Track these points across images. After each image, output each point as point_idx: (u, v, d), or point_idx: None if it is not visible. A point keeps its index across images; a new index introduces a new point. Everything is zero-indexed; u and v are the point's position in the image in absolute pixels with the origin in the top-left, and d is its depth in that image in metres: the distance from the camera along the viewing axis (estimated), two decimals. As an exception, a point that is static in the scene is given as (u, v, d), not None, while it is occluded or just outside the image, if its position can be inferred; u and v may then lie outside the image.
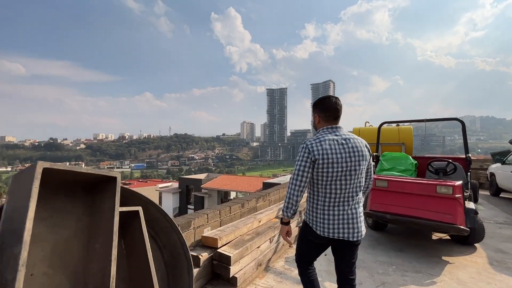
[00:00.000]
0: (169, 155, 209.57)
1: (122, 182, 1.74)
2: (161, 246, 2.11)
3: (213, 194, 28.46)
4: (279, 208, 3.88)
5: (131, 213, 1.82)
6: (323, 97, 1.74)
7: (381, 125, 5.04)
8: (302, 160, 1.57)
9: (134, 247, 1.85)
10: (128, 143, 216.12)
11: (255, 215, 3.43)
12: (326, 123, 1.69)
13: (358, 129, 9.60)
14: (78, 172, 1.39)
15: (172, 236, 2.08)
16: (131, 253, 1.85)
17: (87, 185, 1.64)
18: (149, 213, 2.07)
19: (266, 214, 3.49)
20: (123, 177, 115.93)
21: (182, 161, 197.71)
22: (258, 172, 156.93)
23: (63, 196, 1.52)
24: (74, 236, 1.49)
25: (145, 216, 2.08)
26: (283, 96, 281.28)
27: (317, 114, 1.72)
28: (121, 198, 1.95)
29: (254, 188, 26.65)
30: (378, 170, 4.49)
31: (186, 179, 33.69)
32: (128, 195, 1.93)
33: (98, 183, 1.61)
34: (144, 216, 2.09)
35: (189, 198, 32.12)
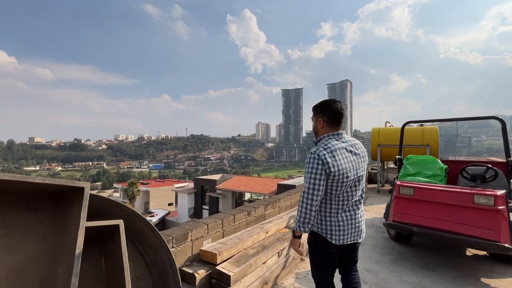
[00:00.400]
0: (185, 155, 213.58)
1: (141, 181, 1.50)
2: (149, 263, 1.85)
3: (228, 195, 28.39)
4: (290, 216, 3.53)
5: (112, 227, 1.58)
6: (328, 101, 1.72)
7: (405, 124, 4.55)
8: (316, 173, 1.50)
9: (115, 266, 1.60)
10: (146, 143, 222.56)
11: (262, 224, 3.11)
12: (330, 128, 1.66)
13: (378, 129, 9.01)
14: (37, 183, 1.15)
15: (161, 253, 1.81)
16: (111, 272, 1.61)
17: (57, 195, 1.40)
18: (135, 226, 1.81)
19: (275, 223, 3.16)
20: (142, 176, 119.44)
21: (198, 162, 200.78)
22: (273, 173, 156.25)
23: (25, 210, 1.29)
24: (36, 258, 1.25)
25: (132, 229, 1.83)
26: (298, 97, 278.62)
27: (321, 119, 1.68)
28: (102, 210, 1.71)
29: (269, 189, 26.30)
30: (401, 175, 4.03)
31: (201, 179, 33.89)
32: (110, 206, 1.69)
33: (67, 194, 1.38)
34: (131, 230, 1.84)
35: (204, 199, 32.30)
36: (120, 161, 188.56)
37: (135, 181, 43.87)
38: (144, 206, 43.45)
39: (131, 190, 40.79)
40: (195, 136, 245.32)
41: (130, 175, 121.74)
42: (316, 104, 1.76)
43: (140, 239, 1.83)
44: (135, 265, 1.80)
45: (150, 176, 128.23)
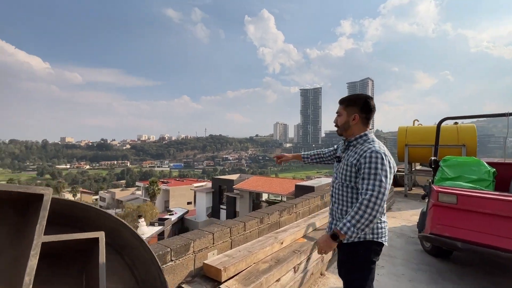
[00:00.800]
0: (204, 155, 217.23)
1: (160, 180, 1.25)
2: (139, 280, 1.58)
3: (245, 195, 28.23)
4: (308, 224, 3.15)
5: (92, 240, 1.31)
6: (365, 95, 1.62)
7: (441, 121, 3.99)
8: (389, 178, 1.44)
9: (97, 283, 1.34)
10: (167, 143, 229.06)
11: (277, 233, 2.76)
12: (364, 126, 1.60)
13: (405, 128, 8.30)
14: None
15: (151, 270, 1.54)
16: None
17: (22, 203, 1.16)
18: (122, 237, 1.54)
19: (291, 232, 2.80)
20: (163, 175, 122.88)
21: (216, 162, 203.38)
22: (291, 173, 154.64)
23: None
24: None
25: (119, 241, 1.56)
26: (317, 96, 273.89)
27: (357, 114, 1.58)
28: (86, 220, 1.46)
29: (286, 190, 25.81)
30: (438, 179, 3.50)
31: (219, 179, 34.05)
32: (94, 216, 1.43)
33: (31, 202, 1.12)
34: (118, 241, 1.56)
35: (221, 198, 32.42)
36: (143, 160, 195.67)
37: (155, 180, 45.15)
38: (164, 205, 44.52)
39: (152, 189, 42.00)
40: (214, 136, 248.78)
41: (152, 174, 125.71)
42: (351, 97, 1.63)
43: (129, 252, 1.57)
44: (122, 280, 1.54)
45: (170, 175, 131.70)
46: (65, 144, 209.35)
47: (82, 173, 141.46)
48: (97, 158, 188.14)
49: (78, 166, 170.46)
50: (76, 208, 1.40)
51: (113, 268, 1.59)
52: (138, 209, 29.17)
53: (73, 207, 1.41)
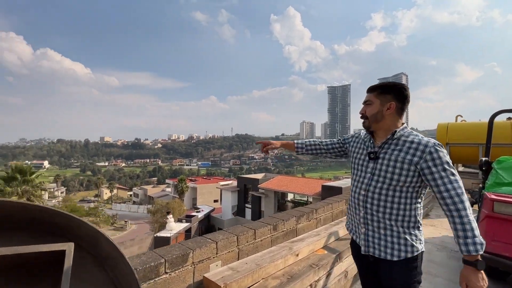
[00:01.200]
0: (231, 154, 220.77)
1: (188, 178, 1.09)
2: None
3: (270, 194, 27.96)
4: (330, 232, 2.77)
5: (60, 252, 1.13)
6: (402, 85, 1.37)
7: (494, 115, 3.34)
8: None
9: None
10: (195, 142, 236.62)
11: (292, 243, 2.44)
12: (399, 117, 1.38)
13: (446, 125, 7.40)
14: None
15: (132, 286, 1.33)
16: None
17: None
18: (103, 248, 1.36)
19: (310, 242, 2.46)
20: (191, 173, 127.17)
21: (242, 160, 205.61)
22: (318, 173, 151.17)
23: None
24: None
25: (100, 252, 1.37)
26: (345, 94, 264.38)
27: (395, 103, 1.35)
28: (63, 227, 1.28)
29: (313, 190, 25.08)
30: (491, 185, 2.90)
31: (244, 178, 34.12)
32: (71, 223, 1.23)
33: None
34: (99, 253, 1.34)
35: (246, 197, 32.50)
36: (173, 158, 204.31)
37: (184, 178, 46.74)
38: (191, 202, 45.87)
39: (180, 186, 43.55)
40: (240, 135, 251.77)
41: (181, 172, 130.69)
42: (385, 84, 1.39)
43: (111, 265, 1.38)
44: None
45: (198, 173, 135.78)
46: (104, 143, 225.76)
47: (119, 170, 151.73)
48: (131, 157, 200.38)
49: (115, 164, 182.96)
50: (58, 216, 1.23)
51: (97, 283, 1.39)
52: (167, 205, 30.27)
53: (54, 215, 1.24)
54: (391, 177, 1.29)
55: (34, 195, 17.96)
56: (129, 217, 39.79)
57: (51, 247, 1.11)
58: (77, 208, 37.22)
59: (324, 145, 1.74)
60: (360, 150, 1.50)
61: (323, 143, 1.76)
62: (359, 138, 1.56)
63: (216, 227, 30.13)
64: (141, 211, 44.70)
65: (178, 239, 21.93)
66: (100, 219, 34.85)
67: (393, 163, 1.29)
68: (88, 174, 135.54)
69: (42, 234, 1.23)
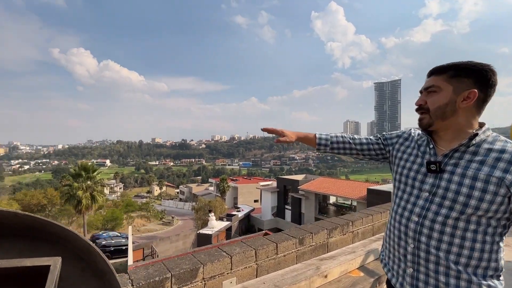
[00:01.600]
0: (271, 154, 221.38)
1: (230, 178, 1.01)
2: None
3: (311, 196, 27.10)
4: (368, 250, 2.37)
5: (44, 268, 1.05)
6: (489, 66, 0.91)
7: None
8: None
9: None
10: (237, 143, 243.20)
11: (321, 260, 2.12)
12: (478, 113, 0.94)
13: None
14: None
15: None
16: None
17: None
18: (98, 263, 1.26)
19: (343, 260, 2.11)
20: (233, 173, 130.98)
21: (283, 161, 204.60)
22: (364, 175, 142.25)
23: None
24: None
25: (95, 266, 1.30)
26: (395, 90, 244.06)
27: (477, 90, 0.90)
28: (56, 238, 1.23)
29: (357, 194, 23.57)
30: None
31: (284, 179, 33.70)
32: (69, 235, 1.16)
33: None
34: (95, 267, 1.30)
35: (286, 198, 32.09)
36: (216, 158, 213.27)
37: (225, 177, 48.32)
38: (233, 201, 47.07)
39: (222, 185, 45.10)
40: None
41: (223, 171, 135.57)
42: (466, 64, 0.92)
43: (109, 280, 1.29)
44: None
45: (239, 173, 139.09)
46: (155, 144, 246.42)
47: (167, 169, 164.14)
48: (178, 156, 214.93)
49: (164, 163, 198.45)
50: (50, 226, 1.17)
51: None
52: (209, 203, 31.45)
53: (45, 225, 1.18)
54: (465, 202, 0.87)
55: (95, 190, 20.25)
56: (176, 213, 42.47)
57: (35, 261, 1.03)
58: (131, 203, 41.12)
59: (357, 143, 1.28)
60: (411, 157, 1.07)
61: (356, 141, 1.29)
62: (411, 140, 1.13)
63: (256, 227, 30.28)
64: (187, 208, 47.40)
65: (220, 237, 22.56)
66: (151, 214, 37.85)
67: (469, 181, 0.87)
68: (142, 172, 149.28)
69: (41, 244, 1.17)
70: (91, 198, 19.73)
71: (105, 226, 29.06)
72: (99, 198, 20.56)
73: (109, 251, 21.21)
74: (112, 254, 21.10)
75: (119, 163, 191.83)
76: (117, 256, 20.77)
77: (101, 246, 21.46)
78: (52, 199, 26.15)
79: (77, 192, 19.07)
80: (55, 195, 25.27)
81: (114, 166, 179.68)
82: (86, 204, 19.41)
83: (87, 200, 19.43)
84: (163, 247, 18.87)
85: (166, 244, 19.54)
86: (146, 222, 35.43)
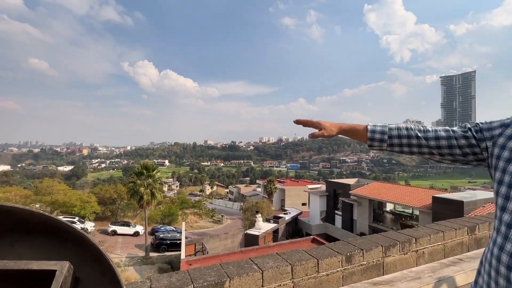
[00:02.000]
0: (320, 157, 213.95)
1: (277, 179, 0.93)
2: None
3: (364, 202, 25.14)
4: (439, 278, 1.86)
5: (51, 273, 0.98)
6: None
7: None
8: None
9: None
10: (285, 145, 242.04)
11: (374, 285, 1.73)
12: None
13: None
14: None
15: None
16: None
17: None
18: (111, 270, 1.16)
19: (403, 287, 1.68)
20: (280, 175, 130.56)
21: (333, 164, 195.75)
22: (428, 181, 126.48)
23: None
24: None
25: (112, 274, 1.21)
26: (468, 83, 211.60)
27: None
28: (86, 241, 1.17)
29: (420, 202, 20.96)
30: None
31: (334, 182, 32.08)
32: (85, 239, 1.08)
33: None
34: (105, 274, 1.22)
35: (336, 203, 30.46)
36: (263, 160, 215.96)
37: (272, 179, 48.34)
38: (280, 203, 46.77)
39: (269, 187, 45.23)
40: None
41: (271, 173, 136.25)
42: None
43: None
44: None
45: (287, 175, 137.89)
46: (207, 146, 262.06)
47: (218, 170, 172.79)
48: (228, 158, 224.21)
49: (215, 163, 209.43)
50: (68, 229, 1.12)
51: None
52: (256, 204, 31.77)
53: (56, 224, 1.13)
54: None
55: (155, 188, 22.24)
56: (225, 212, 44.11)
57: (42, 265, 0.96)
58: (186, 200, 44.24)
59: (431, 137, 0.88)
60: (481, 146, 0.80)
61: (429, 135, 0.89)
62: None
63: (304, 232, 29.40)
64: (235, 207, 48.85)
65: (266, 239, 22.53)
66: (203, 212, 40.06)
67: None
68: (195, 172, 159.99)
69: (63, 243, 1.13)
70: (151, 194, 21.72)
71: (163, 220, 31.78)
72: (158, 195, 22.49)
73: (166, 244, 23.08)
74: (168, 247, 22.90)
75: (176, 163, 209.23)
76: (173, 249, 22.46)
77: (159, 238, 23.50)
78: (121, 194, 29.67)
79: (139, 188, 21.21)
80: (123, 191, 28.59)
81: (172, 166, 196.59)
82: (147, 200, 21.44)
83: (148, 196, 21.45)
84: (212, 244, 19.65)
85: (215, 241, 20.31)
86: (198, 219, 37.61)
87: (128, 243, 24.07)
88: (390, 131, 0.94)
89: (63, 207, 26.69)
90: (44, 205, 28.97)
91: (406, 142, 0.90)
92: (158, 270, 16.78)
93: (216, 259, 11.50)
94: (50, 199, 27.86)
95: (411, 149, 0.91)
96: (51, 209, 28.02)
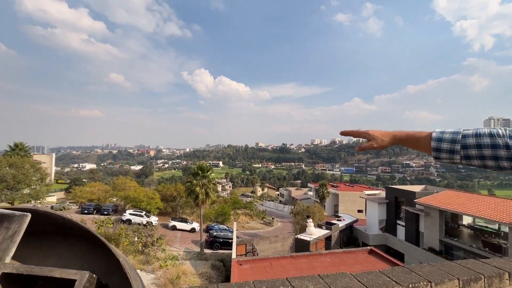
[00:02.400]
0: (379, 160, 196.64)
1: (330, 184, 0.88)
2: None
3: (433, 213, 22.06)
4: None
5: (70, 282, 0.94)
6: None
7: None
8: None
9: None
10: (338, 147, 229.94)
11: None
12: None
13: None
14: None
15: None
16: None
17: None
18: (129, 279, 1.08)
19: None
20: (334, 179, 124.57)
21: (394, 168, 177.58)
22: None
23: None
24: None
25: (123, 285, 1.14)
26: None
27: None
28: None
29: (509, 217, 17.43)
30: None
31: (395, 189, 29.04)
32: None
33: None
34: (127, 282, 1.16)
35: (398, 212, 27.50)
36: (315, 163, 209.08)
37: (325, 183, 46.22)
38: (333, 209, 44.46)
39: (321, 191, 43.38)
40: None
41: (323, 176, 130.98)
42: None
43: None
44: None
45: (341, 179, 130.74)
46: (258, 148, 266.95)
47: (269, 172, 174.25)
48: (279, 160, 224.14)
49: (266, 166, 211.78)
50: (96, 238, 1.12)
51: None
52: (307, 209, 30.85)
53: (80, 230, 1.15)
54: None
55: (209, 188, 23.53)
56: (275, 214, 43.98)
57: (63, 273, 0.96)
58: (238, 201, 45.63)
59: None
60: None
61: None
62: None
63: (360, 241, 27.23)
64: (286, 210, 48.30)
65: (318, 245, 21.58)
66: (254, 213, 40.72)
67: None
68: (247, 173, 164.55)
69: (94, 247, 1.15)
70: (205, 194, 23.03)
71: (216, 219, 33.40)
72: (212, 195, 23.72)
73: (219, 242, 24.14)
74: (221, 245, 23.88)
75: (229, 164, 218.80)
76: (225, 247, 23.35)
77: (213, 236, 24.71)
78: (180, 193, 32.30)
79: (195, 188, 22.70)
80: (182, 190, 31.07)
81: (225, 167, 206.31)
82: (202, 199, 22.80)
83: (203, 195, 22.80)
84: (262, 246, 19.71)
85: (265, 243, 20.32)
86: (249, 219, 38.34)
87: (186, 238, 25.95)
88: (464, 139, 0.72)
89: (133, 201, 30.35)
90: (119, 199, 33.45)
91: (490, 153, 0.69)
92: (211, 266, 17.61)
93: (266, 261, 11.44)
94: (124, 194, 32.01)
95: (499, 163, 0.68)
96: (124, 203, 32.14)
